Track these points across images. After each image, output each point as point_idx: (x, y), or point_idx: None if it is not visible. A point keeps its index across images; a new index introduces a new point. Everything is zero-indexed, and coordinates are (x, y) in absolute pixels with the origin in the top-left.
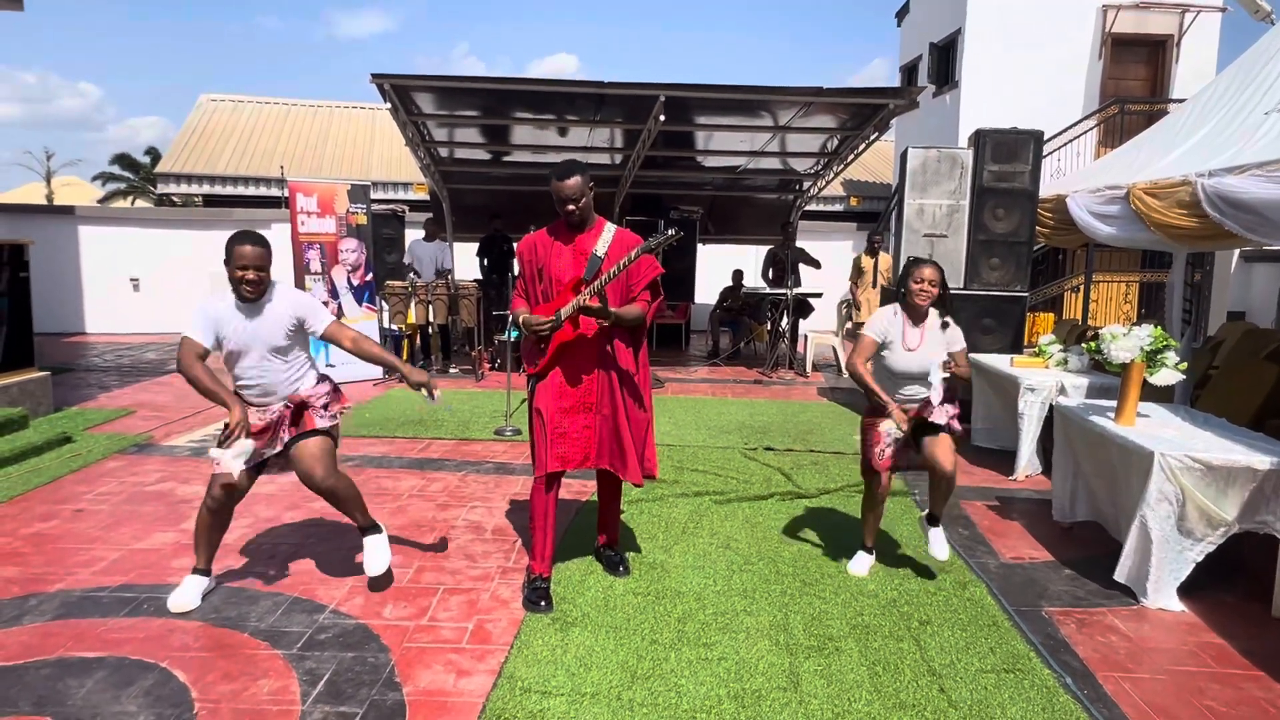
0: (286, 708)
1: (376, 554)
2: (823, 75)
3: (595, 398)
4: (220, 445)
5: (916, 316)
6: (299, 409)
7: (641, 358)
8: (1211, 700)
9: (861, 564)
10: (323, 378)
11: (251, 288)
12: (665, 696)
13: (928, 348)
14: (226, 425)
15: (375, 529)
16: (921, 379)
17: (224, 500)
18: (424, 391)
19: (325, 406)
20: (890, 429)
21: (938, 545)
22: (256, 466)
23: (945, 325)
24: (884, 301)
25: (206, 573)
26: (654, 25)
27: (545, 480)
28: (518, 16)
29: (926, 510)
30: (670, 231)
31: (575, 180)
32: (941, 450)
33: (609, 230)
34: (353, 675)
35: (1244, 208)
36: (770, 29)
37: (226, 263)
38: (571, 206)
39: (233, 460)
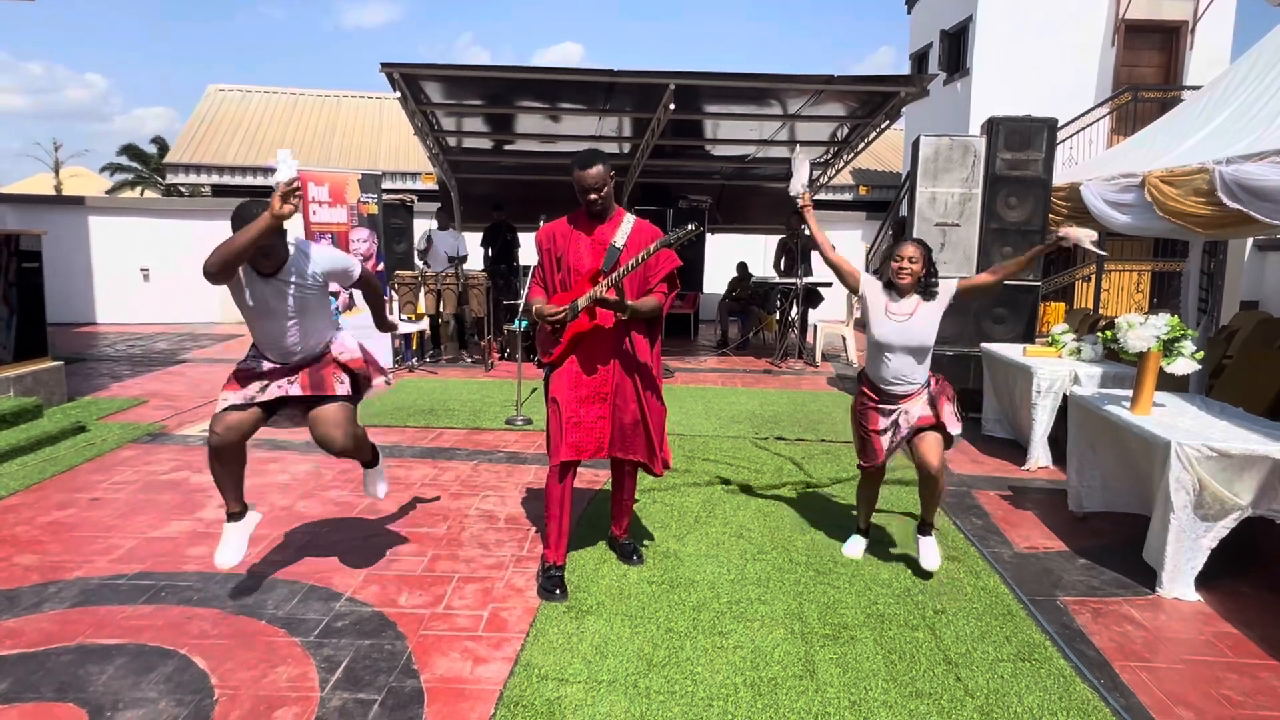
0: (305, 694)
1: (379, 481)
2: (829, 63)
3: (611, 388)
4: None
5: (904, 292)
6: (320, 368)
7: (656, 349)
8: (1229, 690)
9: (855, 546)
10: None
11: (268, 262)
12: (682, 685)
13: (921, 319)
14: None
15: (375, 462)
16: (918, 353)
17: (225, 438)
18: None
19: (350, 370)
20: (885, 423)
21: (928, 555)
22: (267, 410)
23: (933, 294)
24: None
25: (240, 514)
26: (657, 12)
27: (559, 469)
28: (522, 5)
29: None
30: (690, 226)
31: (598, 169)
32: (928, 447)
33: (628, 221)
34: (370, 662)
35: (1263, 195)
36: (774, 16)
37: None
38: (594, 195)
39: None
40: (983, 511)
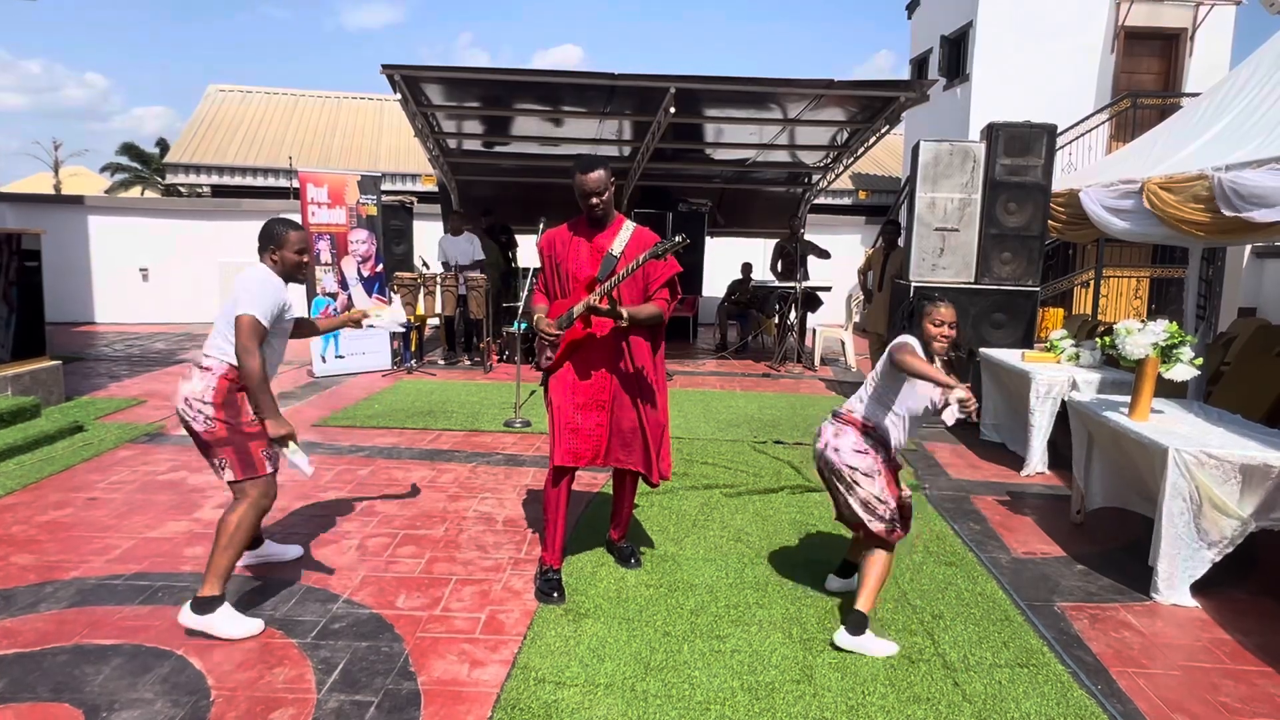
0: (302, 696)
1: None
2: (829, 67)
3: (609, 395)
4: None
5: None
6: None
7: (658, 357)
8: (1225, 696)
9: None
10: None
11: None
12: (679, 688)
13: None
14: (279, 439)
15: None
16: (934, 416)
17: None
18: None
19: None
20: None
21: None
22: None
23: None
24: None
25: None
26: (657, 14)
27: (556, 473)
28: (521, 6)
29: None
30: (678, 238)
31: (599, 174)
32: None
33: (627, 229)
34: (367, 664)
35: (1263, 202)
36: (774, 20)
37: (280, 248)
38: (595, 200)
39: (301, 458)
40: (980, 516)
